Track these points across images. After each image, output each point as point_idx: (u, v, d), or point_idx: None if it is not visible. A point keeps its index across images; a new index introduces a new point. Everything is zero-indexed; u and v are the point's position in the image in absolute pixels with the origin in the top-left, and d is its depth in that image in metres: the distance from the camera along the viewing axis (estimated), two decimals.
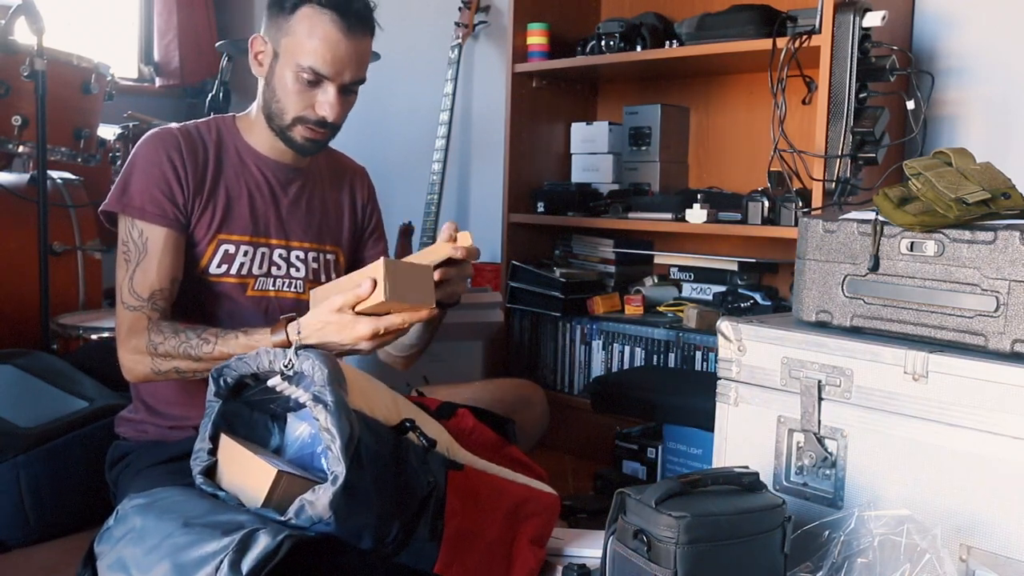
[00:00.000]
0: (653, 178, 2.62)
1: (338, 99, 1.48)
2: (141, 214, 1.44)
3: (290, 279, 1.57)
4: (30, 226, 2.31)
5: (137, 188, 1.45)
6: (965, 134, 2.20)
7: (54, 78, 2.29)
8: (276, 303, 1.55)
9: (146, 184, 1.45)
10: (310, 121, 1.49)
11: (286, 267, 1.57)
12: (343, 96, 1.49)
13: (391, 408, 1.30)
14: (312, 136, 1.51)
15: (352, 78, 1.48)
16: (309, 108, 1.48)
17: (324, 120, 1.48)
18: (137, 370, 1.43)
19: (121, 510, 1.21)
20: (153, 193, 1.45)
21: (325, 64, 1.44)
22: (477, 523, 1.32)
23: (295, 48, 1.45)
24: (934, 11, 2.22)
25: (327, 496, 1.10)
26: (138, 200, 1.44)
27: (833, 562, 1.23)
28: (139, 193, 1.45)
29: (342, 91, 1.48)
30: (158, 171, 1.45)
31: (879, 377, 1.34)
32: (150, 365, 1.41)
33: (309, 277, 1.59)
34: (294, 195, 1.59)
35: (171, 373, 1.41)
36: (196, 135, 1.52)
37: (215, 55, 3.36)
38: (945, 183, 1.32)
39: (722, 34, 2.29)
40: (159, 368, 1.41)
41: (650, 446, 2.13)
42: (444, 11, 3.15)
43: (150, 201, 1.44)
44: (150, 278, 1.44)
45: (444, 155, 3.01)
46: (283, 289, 1.56)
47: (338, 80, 1.46)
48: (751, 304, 2.33)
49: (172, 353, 1.39)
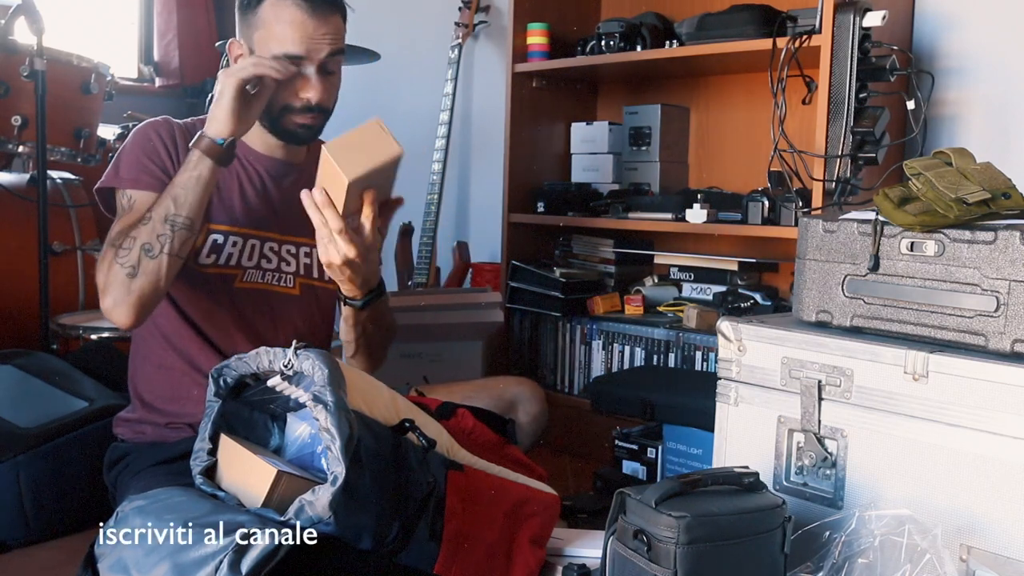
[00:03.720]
0: (653, 178, 2.62)
1: (320, 80, 1.48)
2: (133, 184, 1.47)
3: (281, 273, 1.57)
4: (30, 226, 2.31)
5: (127, 162, 1.48)
6: (965, 134, 2.20)
7: (54, 78, 2.29)
8: (265, 296, 1.55)
9: (136, 157, 1.48)
10: (297, 108, 1.50)
11: (277, 261, 1.57)
12: (324, 77, 1.49)
13: (391, 408, 1.29)
14: (303, 122, 1.52)
15: (328, 53, 1.48)
16: (293, 95, 1.48)
17: (309, 103, 1.49)
18: (108, 287, 1.36)
19: (121, 511, 1.21)
20: (143, 162, 1.47)
21: (296, 45, 1.45)
22: (477, 523, 1.32)
23: (266, 40, 1.46)
24: (934, 11, 2.22)
25: (327, 496, 1.10)
26: (129, 172, 1.47)
27: (833, 562, 1.22)
28: (129, 166, 1.48)
29: (322, 72, 1.49)
30: (149, 145, 1.48)
31: (879, 377, 1.34)
32: (114, 258, 1.36)
33: (300, 272, 1.59)
34: (288, 189, 1.59)
35: (137, 254, 1.35)
36: (189, 126, 1.54)
37: (215, 55, 3.36)
38: (945, 183, 1.32)
39: (722, 34, 2.29)
40: (125, 261, 1.35)
41: (650, 446, 2.13)
42: (444, 11, 3.15)
43: (141, 169, 1.47)
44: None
45: (444, 155, 3.01)
46: (272, 283, 1.56)
47: (315, 59, 1.47)
48: (751, 304, 2.33)
49: (131, 231, 1.37)
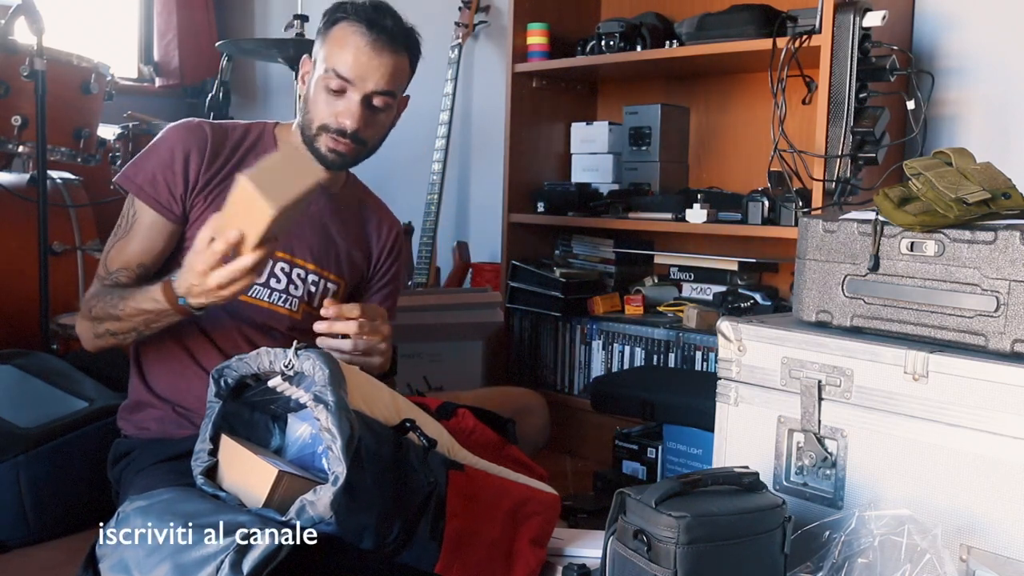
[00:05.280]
0: (653, 178, 2.62)
1: (361, 110, 1.48)
2: (138, 192, 1.47)
3: (288, 295, 1.55)
4: (30, 226, 2.31)
5: (145, 167, 1.48)
6: (965, 134, 2.20)
7: (54, 78, 2.29)
8: (267, 314, 1.54)
9: (155, 166, 1.48)
10: (332, 130, 1.49)
11: (286, 282, 1.55)
12: (367, 110, 1.49)
13: (391, 408, 1.30)
14: (335, 147, 1.51)
15: (375, 87, 1.48)
16: (332, 117, 1.49)
17: (344, 129, 1.48)
18: (82, 334, 1.47)
19: (122, 511, 1.21)
20: (156, 176, 1.47)
21: (347, 68, 1.46)
22: (478, 523, 1.32)
23: (326, 56, 1.49)
24: (934, 11, 2.22)
25: (328, 496, 1.10)
26: (141, 178, 1.47)
27: (833, 562, 1.22)
28: (145, 172, 1.48)
29: (367, 104, 1.49)
30: (169, 157, 1.48)
31: (879, 377, 1.34)
32: (89, 328, 1.45)
33: (304, 299, 1.57)
34: (311, 213, 1.58)
35: (106, 336, 1.44)
36: (227, 135, 1.54)
37: (215, 55, 3.35)
38: (945, 183, 1.32)
39: (722, 34, 2.29)
40: (97, 330, 1.44)
41: (650, 446, 2.13)
42: (444, 11, 3.15)
43: (150, 183, 1.47)
44: (124, 255, 1.48)
45: (444, 155, 3.01)
46: (277, 303, 1.55)
47: (360, 88, 1.47)
48: (751, 304, 2.33)
49: (101, 315, 1.42)
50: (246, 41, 3.45)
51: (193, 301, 1.32)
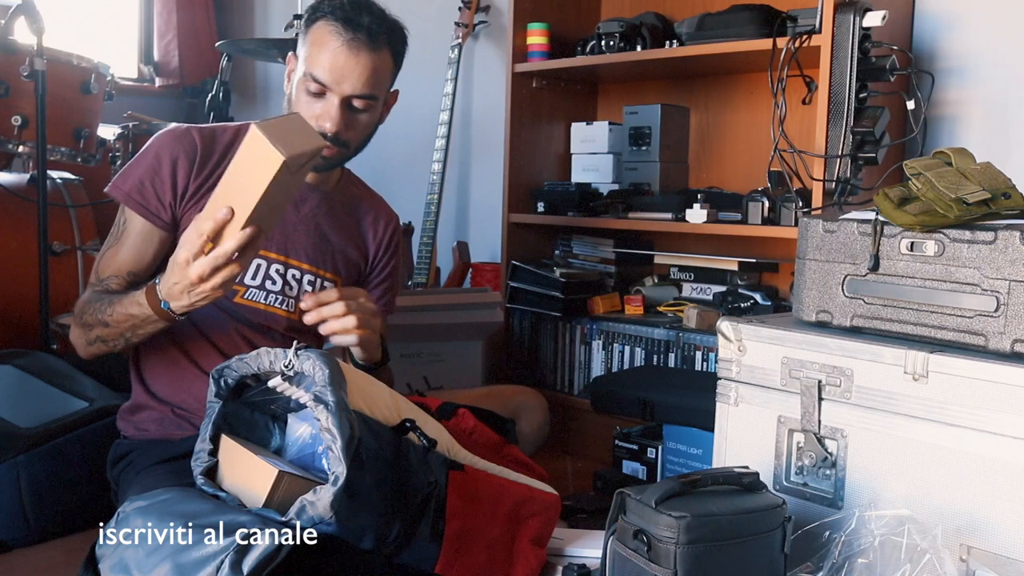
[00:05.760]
0: (653, 178, 2.62)
1: (340, 112, 1.47)
2: (127, 200, 1.47)
3: (284, 297, 1.55)
4: (30, 226, 2.31)
5: (133, 175, 1.47)
6: (965, 134, 2.20)
7: (54, 78, 2.29)
8: (264, 315, 1.54)
9: (142, 173, 1.47)
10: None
11: (282, 283, 1.55)
12: (348, 112, 1.48)
13: (391, 408, 1.30)
14: None
15: (353, 91, 1.47)
16: (313, 120, 1.47)
17: (325, 132, 1.47)
18: (75, 341, 1.46)
19: (122, 512, 1.21)
20: (144, 184, 1.46)
21: (324, 71, 1.45)
22: (478, 523, 1.32)
23: (306, 57, 1.48)
24: (934, 11, 2.22)
25: (328, 496, 1.10)
26: (128, 186, 1.47)
27: (833, 562, 1.23)
28: (133, 180, 1.47)
29: (346, 106, 1.48)
30: (157, 164, 1.47)
31: (879, 377, 1.34)
32: (82, 335, 1.44)
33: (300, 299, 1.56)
34: (304, 214, 1.58)
35: (97, 343, 1.43)
36: (216, 139, 1.53)
37: (215, 55, 3.36)
38: (945, 183, 1.32)
39: (722, 34, 2.29)
40: (88, 337, 1.43)
41: (650, 446, 2.13)
42: (444, 11, 3.15)
43: (138, 190, 1.46)
44: (115, 262, 1.48)
45: (444, 155, 3.01)
46: (274, 304, 1.54)
47: (338, 91, 1.46)
48: (751, 304, 2.33)
49: (91, 322, 1.42)
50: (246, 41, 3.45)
51: (175, 304, 1.31)
